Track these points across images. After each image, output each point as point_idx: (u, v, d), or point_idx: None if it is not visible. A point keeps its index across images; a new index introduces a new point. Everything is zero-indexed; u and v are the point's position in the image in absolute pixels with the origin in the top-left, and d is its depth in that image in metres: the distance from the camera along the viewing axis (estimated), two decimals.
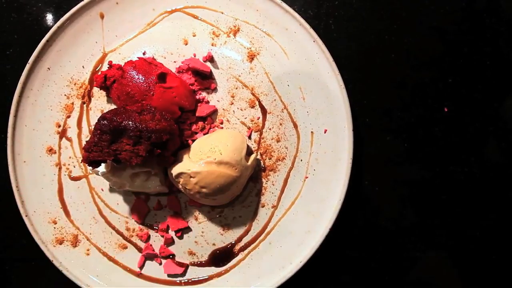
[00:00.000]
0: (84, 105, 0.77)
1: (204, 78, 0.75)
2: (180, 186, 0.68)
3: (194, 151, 0.69)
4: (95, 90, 0.77)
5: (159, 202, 0.74)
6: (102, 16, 0.76)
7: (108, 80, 0.71)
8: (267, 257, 0.72)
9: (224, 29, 0.76)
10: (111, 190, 0.75)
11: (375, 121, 0.78)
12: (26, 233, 0.73)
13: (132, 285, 0.73)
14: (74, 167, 0.76)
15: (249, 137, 0.75)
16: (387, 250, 0.77)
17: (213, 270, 0.73)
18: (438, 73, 0.78)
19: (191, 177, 0.65)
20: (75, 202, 0.75)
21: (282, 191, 0.73)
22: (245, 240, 0.73)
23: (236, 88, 0.75)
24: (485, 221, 0.77)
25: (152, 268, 0.73)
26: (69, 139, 0.76)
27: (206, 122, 0.75)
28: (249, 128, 0.74)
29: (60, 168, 0.76)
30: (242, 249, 0.73)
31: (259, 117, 0.74)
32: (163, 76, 0.70)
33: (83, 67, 0.77)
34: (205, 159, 0.66)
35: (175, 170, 0.66)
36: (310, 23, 0.71)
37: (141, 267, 0.73)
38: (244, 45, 0.75)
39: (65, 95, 0.76)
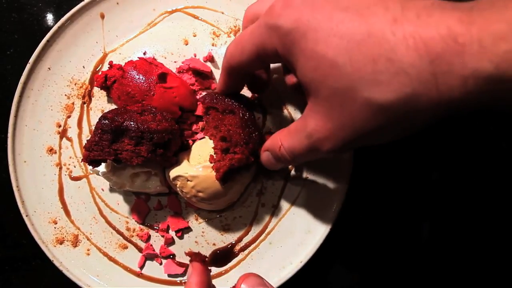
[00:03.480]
0: (85, 105, 0.77)
1: (205, 78, 0.75)
2: (178, 189, 0.68)
3: (194, 154, 0.69)
4: (96, 90, 0.77)
5: (160, 202, 0.74)
6: (102, 16, 0.76)
7: (108, 80, 0.71)
8: (267, 257, 0.72)
9: (225, 29, 0.76)
10: (112, 190, 0.75)
11: None
12: (26, 233, 0.73)
13: (132, 285, 0.73)
14: (75, 167, 0.76)
15: None
16: (387, 250, 0.77)
17: (213, 270, 0.73)
18: None
19: (188, 180, 0.65)
20: (75, 202, 0.75)
21: (282, 191, 0.73)
22: (245, 240, 0.73)
23: None
24: (486, 222, 0.77)
25: (153, 268, 0.73)
26: (70, 139, 0.76)
27: None
28: None
29: (60, 168, 0.76)
30: (243, 249, 0.73)
31: (259, 117, 0.74)
32: (163, 76, 0.70)
33: (83, 67, 0.77)
34: (203, 163, 0.66)
35: (173, 173, 0.67)
36: None
37: (142, 267, 0.73)
38: None
39: (65, 95, 0.76)
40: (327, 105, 0.44)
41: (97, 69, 0.77)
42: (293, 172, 0.73)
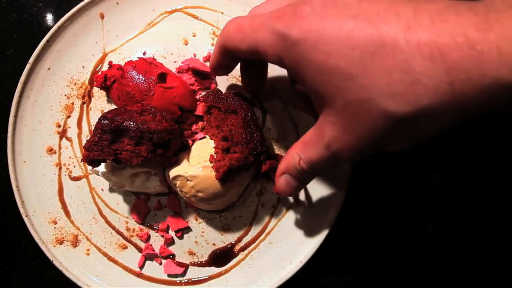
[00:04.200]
0: (84, 105, 0.77)
1: (204, 78, 0.75)
2: (177, 189, 0.68)
3: (193, 154, 0.69)
4: (95, 90, 0.77)
5: (159, 202, 0.74)
6: (102, 16, 0.76)
7: (108, 80, 0.71)
8: (267, 257, 0.72)
9: None
10: (111, 190, 0.75)
11: None
12: (26, 233, 0.73)
13: (132, 285, 0.73)
14: (74, 167, 0.76)
15: None
16: (388, 251, 0.77)
17: (213, 270, 0.73)
18: None
19: (187, 180, 0.65)
20: (75, 202, 0.75)
21: None
22: (245, 240, 0.73)
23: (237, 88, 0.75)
24: (486, 222, 0.77)
25: (152, 268, 0.73)
26: (69, 139, 0.76)
27: None
28: None
29: (60, 168, 0.76)
30: (242, 249, 0.73)
31: (259, 117, 0.74)
32: (163, 76, 0.70)
33: (83, 67, 0.77)
34: (202, 163, 0.66)
35: (173, 173, 0.67)
36: None
37: (141, 267, 0.73)
38: None
39: (65, 95, 0.76)
40: (342, 117, 0.43)
41: (97, 69, 0.77)
42: None
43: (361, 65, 0.39)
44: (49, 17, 0.84)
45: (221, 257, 0.73)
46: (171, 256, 0.73)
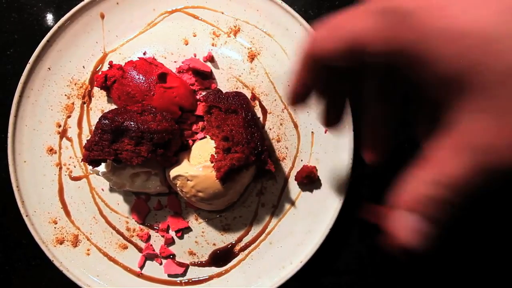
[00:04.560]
0: (85, 105, 0.77)
1: (205, 78, 0.75)
2: (178, 189, 0.68)
3: (194, 154, 0.69)
4: (96, 90, 0.77)
5: (160, 202, 0.74)
6: (102, 16, 0.76)
7: (108, 80, 0.71)
8: (267, 257, 0.72)
9: (225, 29, 0.76)
10: (112, 190, 0.75)
11: None
12: (26, 233, 0.73)
13: (132, 285, 0.73)
14: (75, 167, 0.76)
15: None
16: (388, 251, 0.77)
17: (214, 270, 0.73)
18: None
19: (188, 180, 0.65)
20: (75, 202, 0.75)
21: (282, 191, 0.73)
22: (246, 240, 0.73)
23: (237, 88, 0.75)
24: (486, 222, 0.77)
25: (153, 268, 0.73)
26: (70, 139, 0.76)
27: None
28: None
29: (60, 168, 0.76)
30: (243, 249, 0.73)
31: (259, 117, 0.74)
32: (163, 76, 0.70)
33: (83, 67, 0.77)
34: (203, 163, 0.66)
35: (173, 172, 0.67)
36: (311, 23, 0.71)
37: (142, 267, 0.73)
38: (245, 45, 0.75)
39: (65, 95, 0.76)
40: (497, 101, 0.30)
41: (97, 69, 0.77)
42: (293, 172, 0.73)
43: None
44: (49, 17, 0.84)
45: (221, 257, 0.73)
46: (171, 256, 0.73)
